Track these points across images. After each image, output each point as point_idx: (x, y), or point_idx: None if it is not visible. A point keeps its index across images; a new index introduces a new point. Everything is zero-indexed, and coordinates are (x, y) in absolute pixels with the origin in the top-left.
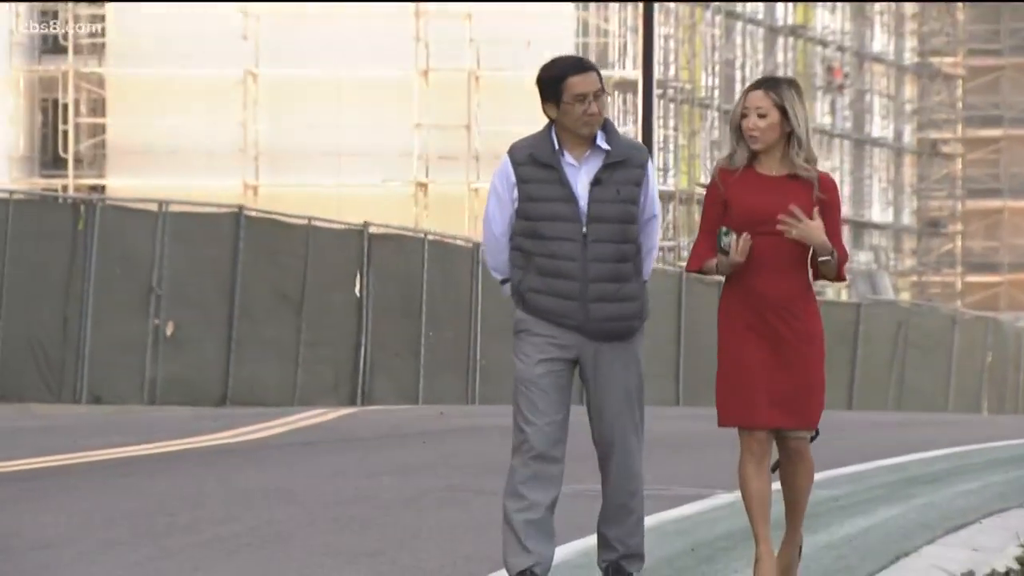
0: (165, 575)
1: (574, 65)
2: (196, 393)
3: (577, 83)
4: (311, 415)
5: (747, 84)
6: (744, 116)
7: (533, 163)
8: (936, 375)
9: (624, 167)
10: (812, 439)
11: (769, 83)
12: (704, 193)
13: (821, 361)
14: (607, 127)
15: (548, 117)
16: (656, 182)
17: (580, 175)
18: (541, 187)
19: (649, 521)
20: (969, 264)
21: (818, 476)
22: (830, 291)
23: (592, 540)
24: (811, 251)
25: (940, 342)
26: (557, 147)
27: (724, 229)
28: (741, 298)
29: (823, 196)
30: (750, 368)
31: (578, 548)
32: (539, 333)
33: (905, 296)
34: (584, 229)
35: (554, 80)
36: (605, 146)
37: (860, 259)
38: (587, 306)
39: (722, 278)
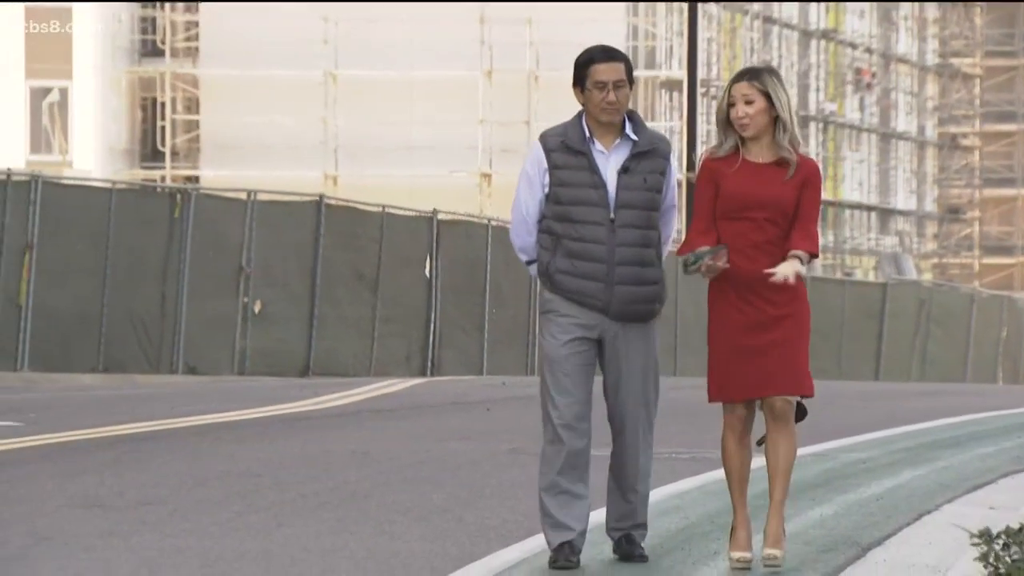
0: (252, 530)
1: (602, 52)
2: (281, 365)
3: (601, 70)
4: (385, 385)
5: (731, 77)
6: (731, 106)
7: (565, 150)
8: (955, 349)
9: (650, 157)
10: (800, 419)
11: (751, 73)
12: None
13: (805, 336)
14: (635, 118)
15: (577, 101)
16: (676, 173)
17: (609, 162)
18: (572, 173)
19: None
20: (986, 247)
21: (847, 440)
22: (858, 272)
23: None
24: (790, 239)
25: (959, 319)
26: (588, 135)
27: (690, 257)
28: (729, 279)
29: (800, 180)
30: (734, 346)
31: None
32: (565, 313)
33: (927, 277)
34: (612, 215)
35: (582, 64)
36: (633, 136)
37: (886, 243)
38: (612, 288)
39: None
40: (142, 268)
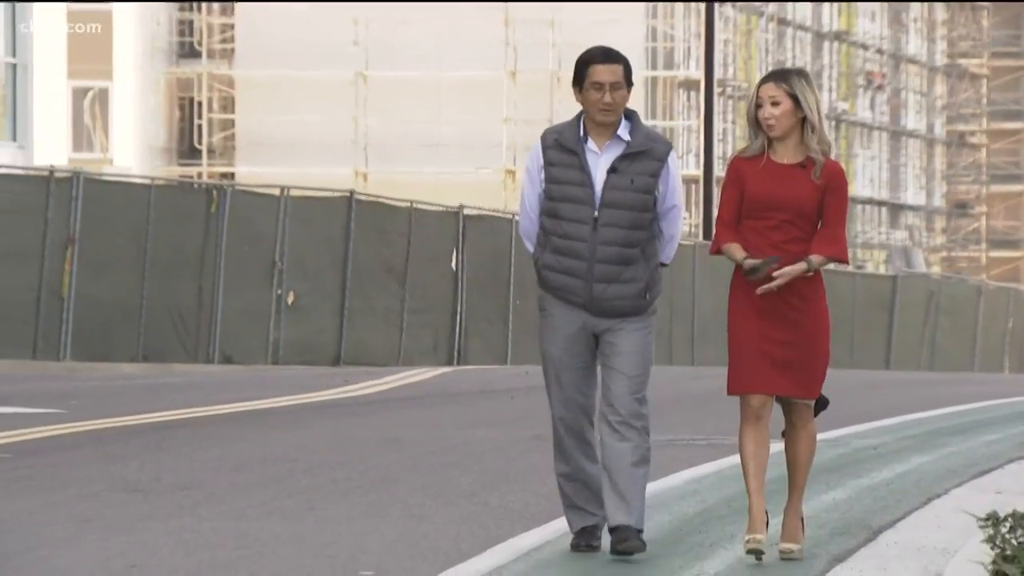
0: (287, 513)
1: (602, 53)
2: (313, 354)
3: (598, 71)
4: (413, 374)
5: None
6: (759, 107)
7: (559, 148)
8: (963, 339)
9: (642, 158)
10: (818, 412)
11: (779, 75)
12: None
13: (825, 336)
14: (632, 118)
15: (576, 100)
16: (678, 174)
17: (600, 162)
18: (563, 171)
19: (666, 481)
20: (992, 241)
21: (859, 427)
22: (869, 265)
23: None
24: (813, 243)
25: (967, 310)
26: (582, 134)
27: (757, 266)
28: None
29: (823, 183)
30: (753, 341)
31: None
32: (554, 313)
33: (936, 269)
34: (596, 213)
35: (581, 64)
36: (626, 137)
37: (896, 237)
38: (592, 285)
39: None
40: (180, 261)
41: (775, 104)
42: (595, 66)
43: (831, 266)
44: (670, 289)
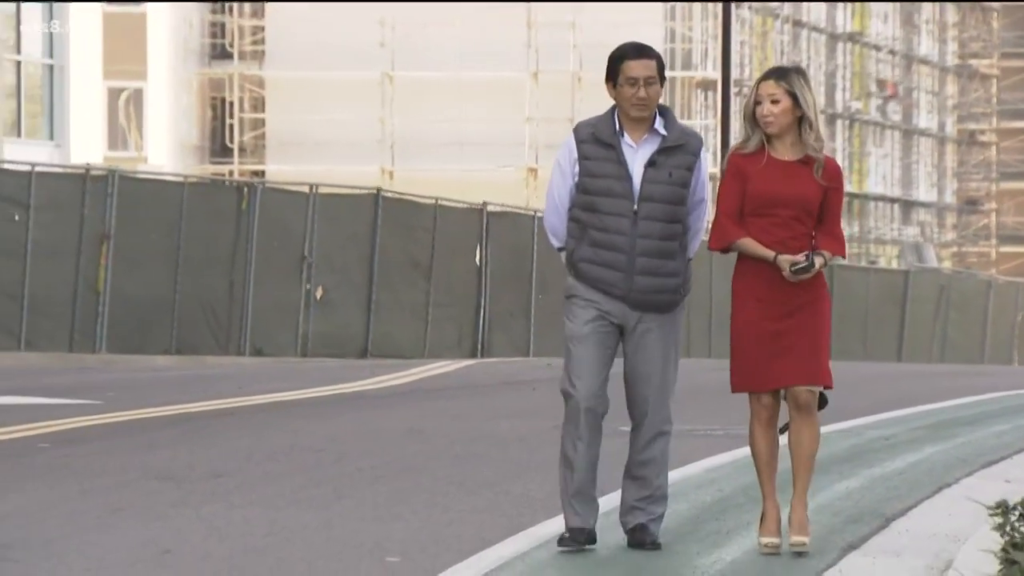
0: (314, 501)
1: (635, 49)
2: (341, 347)
3: (632, 67)
4: (438, 366)
5: (759, 76)
6: (758, 104)
7: (595, 142)
8: (973, 332)
9: (679, 152)
10: (821, 407)
11: (779, 72)
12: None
13: (826, 327)
14: (666, 114)
15: (609, 95)
16: (707, 168)
17: (637, 156)
18: (600, 164)
19: (684, 471)
20: (1002, 237)
21: (872, 418)
22: (882, 260)
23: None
24: (813, 233)
25: (977, 304)
26: (618, 128)
27: (805, 265)
28: (753, 273)
29: (825, 183)
30: (758, 336)
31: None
32: (587, 298)
33: (947, 264)
34: (635, 207)
35: (615, 60)
36: (662, 131)
37: (908, 233)
38: (632, 278)
39: (734, 254)
40: (212, 257)
41: (775, 102)
42: (629, 62)
43: (845, 259)
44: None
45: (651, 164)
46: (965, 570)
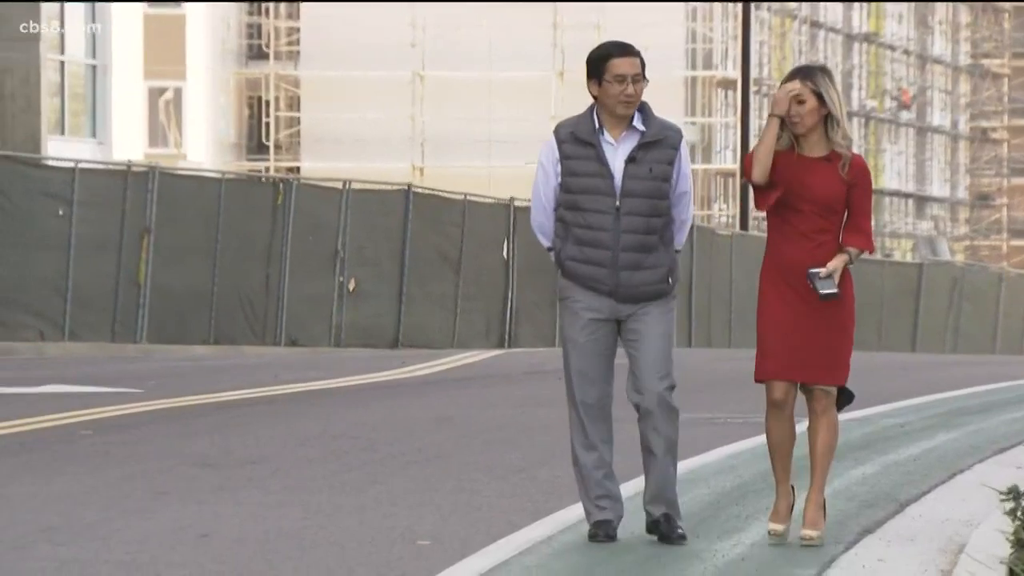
0: (349, 486)
1: (618, 47)
2: (373, 337)
3: (618, 64)
4: (467, 356)
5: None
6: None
7: (575, 141)
8: (985, 323)
9: (658, 147)
10: (842, 406)
11: (804, 72)
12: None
13: (850, 324)
14: (644, 109)
15: (591, 95)
16: (688, 161)
17: (617, 153)
18: (581, 163)
19: (704, 457)
20: (1013, 230)
21: (887, 407)
22: (897, 254)
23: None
24: (842, 227)
25: (989, 296)
26: (597, 126)
27: (830, 290)
28: (779, 266)
29: (850, 179)
30: (781, 328)
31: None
32: (578, 299)
33: (960, 258)
34: (617, 203)
35: (599, 59)
36: (641, 127)
37: (922, 227)
38: (618, 273)
39: (760, 248)
40: (248, 250)
41: (801, 102)
42: (615, 59)
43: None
44: (710, 276)
45: (631, 160)
46: (977, 554)
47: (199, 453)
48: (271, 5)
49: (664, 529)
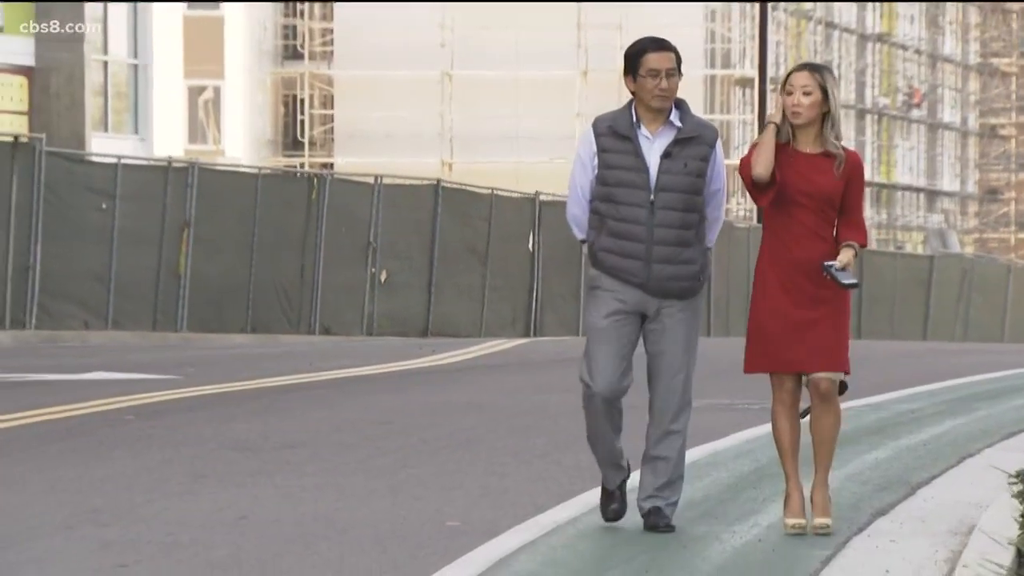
0: (382, 470)
1: (654, 42)
2: (404, 326)
3: (653, 59)
4: (494, 344)
5: (790, 69)
6: (789, 94)
7: (612, 134)
8: (994, 313)
9: (694, 143)
10: (841, 392)
11: (813, 66)
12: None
13: (846, 314)
14: (681, 106)
15: (628, 90)
16: (723, 159)
17: (653, 147)
18: (618, 156)
19: (723, 442)
20: (1021, 223)
21: (899, 393)
22: (908, 246)
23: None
24: (836, 223)
25: (997, 286)
26: (635, 121)
27: (851, 280)
28: (775, 259)
29: (845, 176)
30: (779, 320)
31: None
32: (608, 289)
33: (969, 250)
34: (652, 197)
35: (634, 54)
36: (678, 123)
37: (933, 220)
38: (651, 266)
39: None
40: (284, 242)
41: (807, 93)
42: (649, 55)
43: (873, 245)
44: (728, 267)
45: (667, 155)
46: (987, 534)
47: (237, 438)
48: (306, 7)
49: (652, 520)
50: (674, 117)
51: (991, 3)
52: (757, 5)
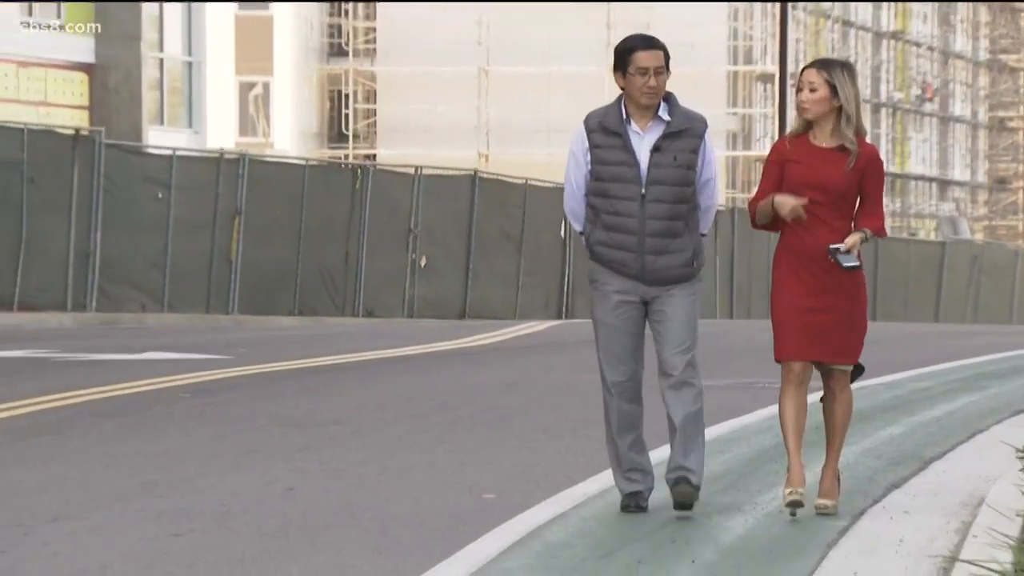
0: (420, 445)
1: (643, 40)
2: (442, 309)
3: (642, 57)
4: (528, 326)
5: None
6: (799, 90)
7: (603, 130)
8: (1003, 296)
9: (683, 136)
10: (854, 379)
11: (823, 63)
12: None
13: (862, 304)
14: (670, 100)
15: (618, 85)
16: (713, 149)
17: (643, 142)
18: (609, 152)
19: (744, 419)
20: None
21: (913, 372)
22: (921, 233)
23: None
24: (855, 213)
25: (1006, 271)
26: (624, 116)
27: (853, 262)
28: (791, 250)
29: (862, 169)
30: (794, 309)
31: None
32: (607, 282)
33: (979, 236)
34: (643, 190)
35: (624, 51)
36: (666, 117)
37: (945, 208)
38: (643, 257)
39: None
40: (329, 230)
41: (812, 90)
42: (639, 52)
43: (888, 232)
44: (749, 253)
45: (656, 149)
46: (996, 506)
47: (285, 415)
48: (350, 6)
49: (682, 487)
50: (663, 112)
51: (1000, 2)
52: (778, 4)
